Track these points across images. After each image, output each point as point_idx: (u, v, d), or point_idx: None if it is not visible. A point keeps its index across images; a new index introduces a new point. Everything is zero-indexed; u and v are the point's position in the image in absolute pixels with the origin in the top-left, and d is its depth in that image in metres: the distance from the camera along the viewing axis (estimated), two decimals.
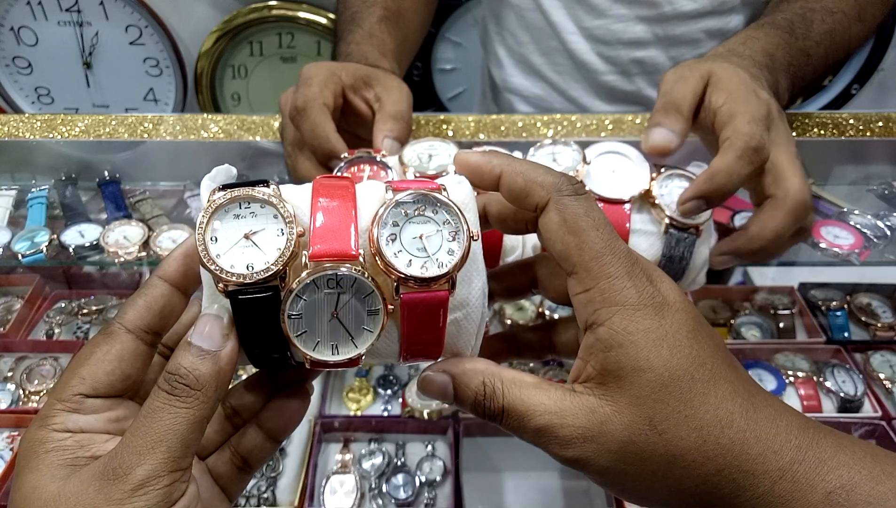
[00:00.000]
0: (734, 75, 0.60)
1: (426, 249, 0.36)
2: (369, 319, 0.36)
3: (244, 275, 0.34)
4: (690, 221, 0.56)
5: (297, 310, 0.35)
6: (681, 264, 0.57)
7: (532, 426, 0.37)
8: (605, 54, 0.97)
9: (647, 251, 0.57)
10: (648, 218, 0.58)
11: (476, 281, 0.38)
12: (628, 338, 0.35)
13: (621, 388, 0.35)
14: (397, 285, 0.35)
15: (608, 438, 0.35)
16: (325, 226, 0.35)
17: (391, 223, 0.36)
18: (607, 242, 0.36)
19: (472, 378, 0.38)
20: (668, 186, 0.58)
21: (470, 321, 0.39)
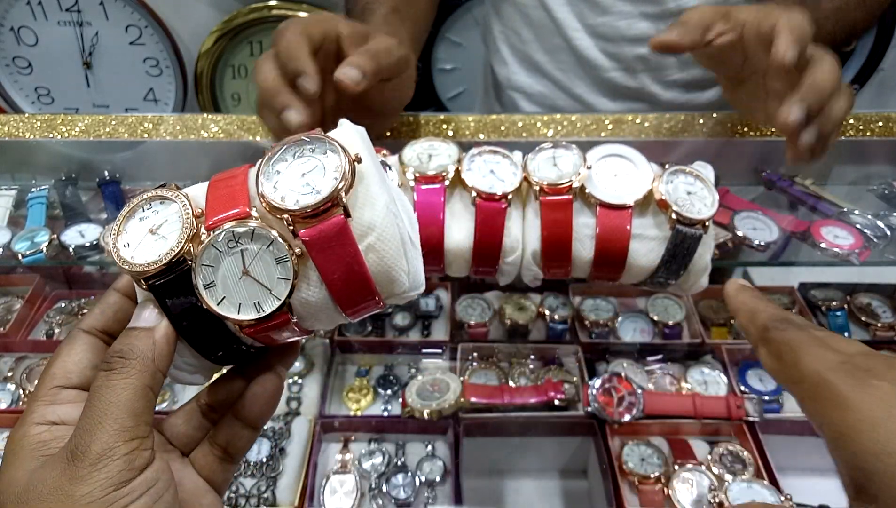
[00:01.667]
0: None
1: (310, 184, 0.36)
2: (280, 267, 0.36)
3: (153, 263, 0.36)
4: (697, 216, 0.55)
5: (208, 279, 0.36)
6: (683, 262, 0.56)
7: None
8: (609, 51, 0.97)
9: (647, 257, 0.56)
10: (650, 222, 0.57)
11: (379, 201, 0.37)
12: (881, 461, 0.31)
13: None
14: (294, 229, 0.36)
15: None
16: (216, 200, 0.37)
17: (274, 172, 0.37)
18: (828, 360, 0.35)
19: None
20: (674, 183, 0.57)
21: (386, 242, 0.37)
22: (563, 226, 0.56)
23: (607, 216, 0.55)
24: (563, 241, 0.56)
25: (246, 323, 0.36)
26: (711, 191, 0.57)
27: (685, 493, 0.77)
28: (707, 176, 0.58)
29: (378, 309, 0.40)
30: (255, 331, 0.37)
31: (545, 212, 0.56)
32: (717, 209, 0.55)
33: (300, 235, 0.36)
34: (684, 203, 0.55)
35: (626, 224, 0.55)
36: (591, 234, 0.56)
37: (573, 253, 0.56)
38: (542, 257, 0.57)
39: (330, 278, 0.36)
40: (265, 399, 0.42)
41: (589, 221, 0.56)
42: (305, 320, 0.38)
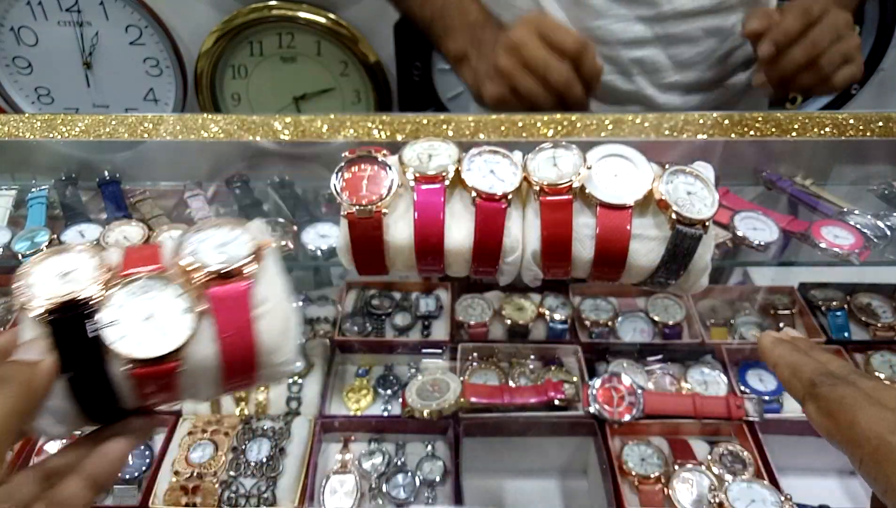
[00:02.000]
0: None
1: (225, 253, 0.42)
2: (183, 318, 0.39)
3: (58, 297, 0.38)
4: (697, 216, 0.54)
5: (113, 317, 0.38)
6: (683, 262, 0.56)
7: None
8: (604, 54, 0.97)
9: (647, 257, 0.56)
10: (650, 222, 0.56)
11: (277, 282, 0.43)
12: None
13: None
14: (203, 286, 0.40)
15: None
16: (134, 259, 0.42)
17: (194, 240, 0.43)
18: (875, 412, 0.37)
19: None
20: (674, 183, 0.56)
21: (276, 314, 0.42)
22: (563, 226, 0.56)
23: (607, 216, 0.55)
24: (563, 241, 0.56)
25: (139, 362, 0.38)
26: (711, 191, 0.57)
27: (685, 493, 0.77)
28: (707, 176, 0.58)
29: (251, 381, 0.42)
30: (143, 373, 0.38)
31: (545, 212, 0.56)
32: (717, 209, 0.55)
33: (209, 292, 0.40)
34: (684, 203, 0.55)
35: (626, 224, 0.55)
36: (592, 234, 0.56)
37: (573, 253, 0.56)
38: (542, 257, 0.57)
39: (224, 334, 0.40)
40: (115, 455, 0.40)
41: (589, 221, 0.56)
42: (187, 380, 0.40)
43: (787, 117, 0.92)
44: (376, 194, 0.57)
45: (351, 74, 1.67)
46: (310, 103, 1.70)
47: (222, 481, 0.78)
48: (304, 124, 0.92)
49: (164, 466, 0.79)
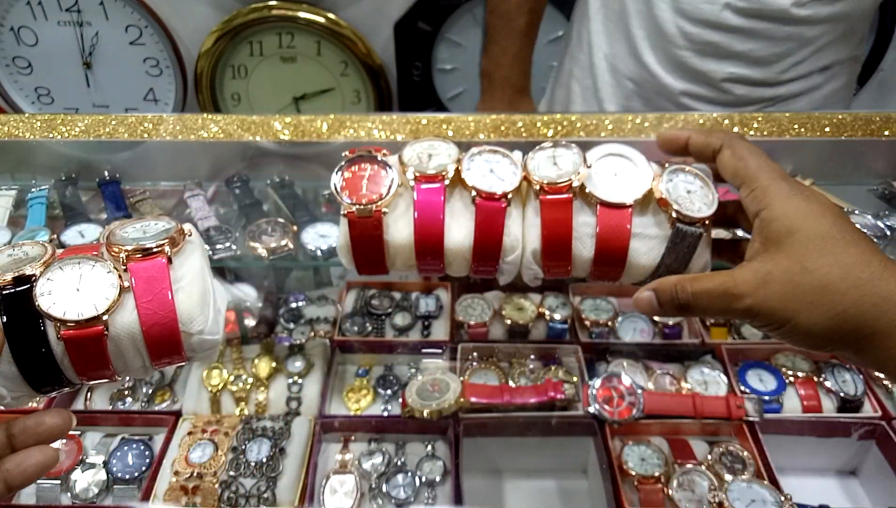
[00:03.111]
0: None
1: (147, 235, 0.48)
2: (107, 289, 0.45)
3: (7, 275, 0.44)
4: (698, 214, 0.54)
5: (46, 289, 0.44)
6: (683, 261, 0.56)
7: (715, 294, 0.48)
8: (685, 29, 0.99)
9: (647, 255, 0.56)
10: (650, 221, 0.56)
11: (196, 265, 0.48)
12: (783, 212, 0.48)
13: (779, 249, 0.47)
14: (125, 263, 0.46)
15: (772, 284, 0.46)
16: (74, 249, 0.48)
17: (124, 229, 0.49)
18: (764, 161, 0.52)
19: (666, 285, 0.51)
20: (674, 181, 0.56)
21: (192, 290, 0.47)
22: (563, 225, 0.56)
23: (607, 215, 0.55)
24: (563, 240, 0.56)
25: (67, 323, 0.43)
26: (711, 189, 0.57)
27: (685, 493, 0.77)
28: (707, 175, 0.58)
29: (178, 352, 0.47)
30: (72, 336, 0.43)
31: (545, 211, 0.56)
32: (717, 208, 0.55)
33: (129, 267, 0.45)
34: (684, 201, 0.55)
35: (627, 223, 0.55)
36: (592, 233, 0.56)
37: (573, 252, 0.56)
38: (542, 256, 0.57)
39: (142, 300, 0.45)
40: (23, 471, 0.45)
41: (589, 219, 0.56)
42: (114, 346, 0.45)
43: (788, 117, 0.92)
44: (376, 193, 0.57)
45: (351, 74, 1.67)
46: (310, 103, 1.70)
47: (222, 481, 0.78)
48: (304, 124, 0.92)
49: (164, 466, 0.79)
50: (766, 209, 0.49)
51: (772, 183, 0.50)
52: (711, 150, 0.54)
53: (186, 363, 0.74)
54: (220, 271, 0.91)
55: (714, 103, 1.04)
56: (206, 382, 0.88)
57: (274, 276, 1.03)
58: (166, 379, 0.92)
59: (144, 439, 0.83)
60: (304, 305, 1.02)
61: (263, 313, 1.00)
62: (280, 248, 0.85)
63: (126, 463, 0.80)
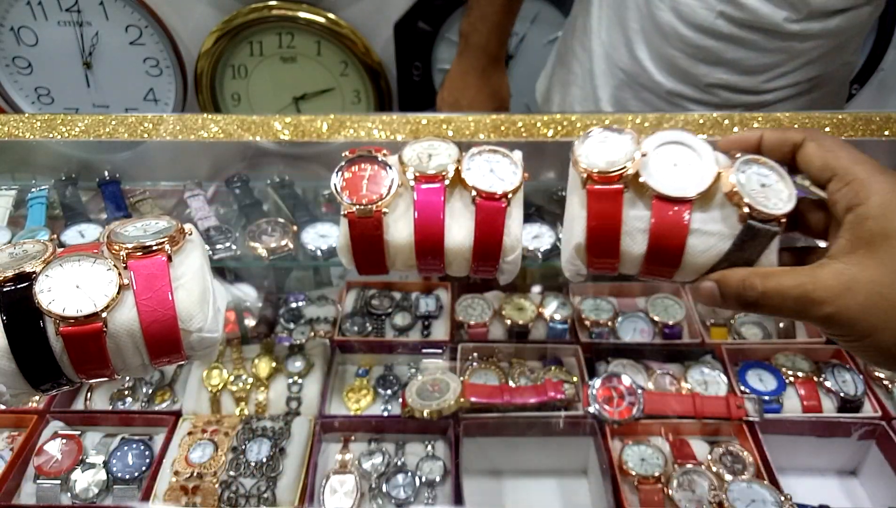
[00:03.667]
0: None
1: (147, 233, 0.48)
2: (107, 286, 0.45)
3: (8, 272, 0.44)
4: (774, 211, 0.48)
5: (46, 286, 0.44)
6: (748, 261, 0.50)
7: (791, 296, 0.44)
8: (678, 32, 0.99)
9: (705, 254, 0.51)
10: (710, 216, 0.51)
11: (195, 263, 0.48)
12: (882, 211, 0.43)
13: (870, 252, 0.43)
14: (125, 261, 0.46)
15: (856, 292, 0.42)
16: (75, 247, 0.48)
17: (125, 228, 0.50)
18: (857, 153, 0.47)
19: (732, 278, 0.48)
20: (747, 173, 0.51)
21: (192, 288, 0.47)
22: (611, 218, 0.51)
23: (663, 209, 0.50)
24: (611, 234, 0.51)
25: (66, 320, 0.43)
26: (788, 184, 0.51)
27: (685, 493, 0.77)
28: (782, 169, 0.53)
29: (178, 350, 0.47)
30: (71, 332, 0.43)
31: (592, 202, 0.51)
32: (795, 204, 0.49)
33: (129, 264, 0.45)
34: (758, 196, 0.49)
35: (685, 218, 0.50)
36: (644, 227, 0.51)
37: (622, 248, 0.52)
38: (586, 251, 0.53)
39: (141, 297, 0.45)
40: None
41: (642, 213, 0.51)
42: (114, 344, 0.45)
43: (787, 117, 0.92)
44: (376, 193, 0.57)
45: (351, 74, 1.67)
46: (310, 103, 1.70)
47: (222, 481, 0.78)
48: (304, 124, 0.92)
49: (164, 466, 0.79)
50: (864, 205, 0.44)
51: (871, 177, 0.45)
52: (791, 145, 0.50)
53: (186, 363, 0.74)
54: (220, 271, 0.92)
55: (699, 104, 1.05)
56: (206, 382, 0.88)
57: (274, 276, 1.03)
58: (166, 379, 0.92)
59: (144, 439, 0.83)
60: (304, 305, 1.02)
61: (263, 313, 1.00)
62: (280, 248, 0.85)
63: (126, 463, 0.80)
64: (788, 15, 0.93)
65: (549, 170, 0.99)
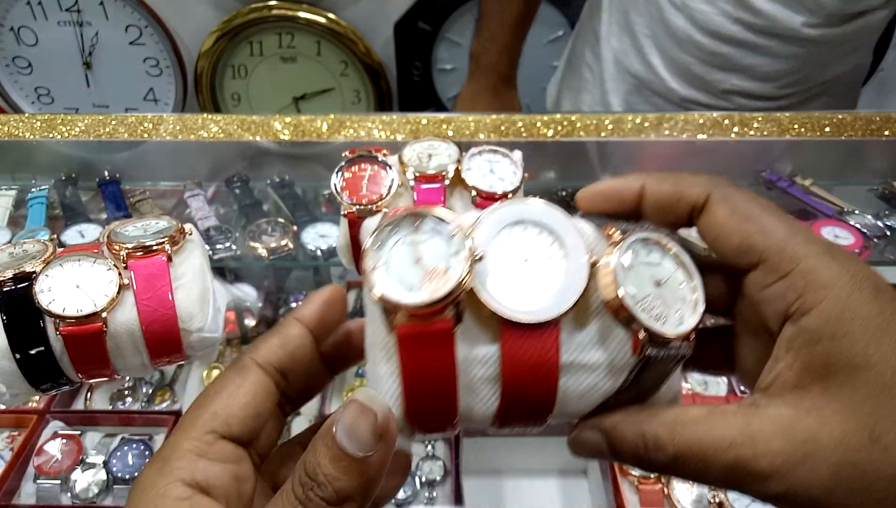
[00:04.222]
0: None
1: (147, 233, 0.47)
2: (107, 286, 0.44)
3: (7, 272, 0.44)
4: (679, 328, 0.32)
5: (45, 286, 0.43)
6: (647, 395, 0.35)
7: (718, 466, 0.29)
8: (694, 38, 0.99)
9: (586, 397, 0.34)
10: (593, 336, 0.34)
11: (196, 263, 0.47)
12: (842, 328, 0.28)
13: (828, 393, 0.28)
14: (125, 261, 0.45)
15: (817, 461, 0.28)
16: (74, 247, 0.47)
17: (124, 228, 0.48)
18: (791, 223, 0.31)
19: (627, 431, 0.32)
20: (636, 269, 0.33)
21: (192, 287, 0.47)
22: (439, 374, 0.33)
23: (518, 343, 0.33)
24: (440, 399, 0.33)
25: (67, 320, 0.43)
26: (694, 275, 0.34)
27: (685, 493, 0.77)
28: (691, 239, 0.38)
29: (178, 351, 0.46)
30: (71, 332, 0.43)
31: (406, 354, 0.33)
32: (702, 317, 0.33)
33: (129, 264, 0.45)
34: (654, 305, 0.33)
35: (552, 352, 0.33)
36: (491, 375, 0.33)
37: (461, 410, 0.34)
38: (405, 422, 0.34)
39: (142, 297, 0.44)
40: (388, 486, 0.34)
41: (485, 352, 0.33)
42: (114, 344, 0.45)
43: (788, 117, 0.93)
44: (376, 193, 0.57)
45: (351, 74, 1.67)
46: (310, 103, 1.70)
47: None
48: (304, 124, 0.92)
49: None
50: (813, 315, 0.29)
51: (819, 264, 0.30)
52: (688, 206, 0.34)
53: (186, 363, 0.74)
54: (220, 271, 0.92)
55: (713, 110, 1.05)
56: (206, 382, 0.88)
57: (274, 276, 1.03)
58: (166, 379, 0.92)
59: (144, 439, 0.83)
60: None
61: (263, 313, 1.00)
62: (280, 248, 0.85)
63: (126, 463, 0.80)
64: (806, 20, 0.93)
65: (549, 170, 0.99)
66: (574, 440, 0.35)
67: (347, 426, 0.29)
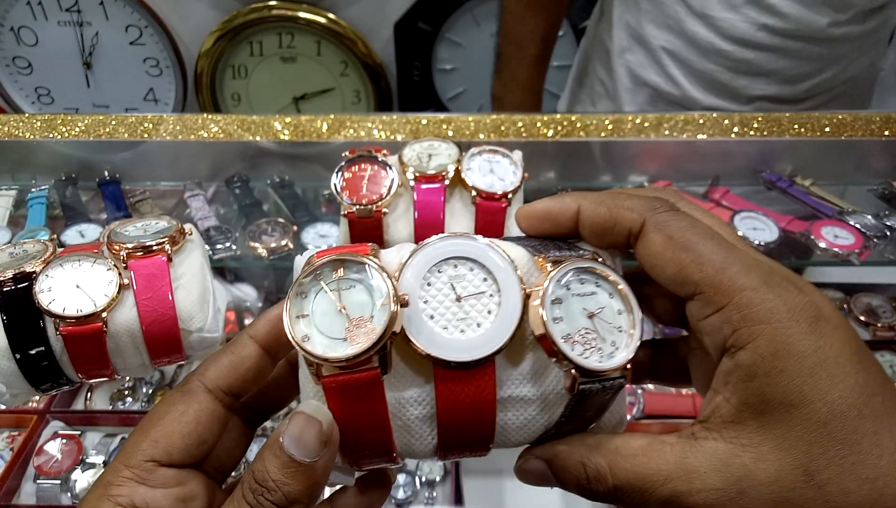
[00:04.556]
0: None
1: (147, 233, 0.47)
2: (107, 286, 0.45)
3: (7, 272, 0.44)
4: (612, 362, 0.32)
5: (45, 286, 0.44)
6: (587, 423, 0.35)
7: (655, 500, 0.30)
8: (717, 46, 0.99)
9: (525, 429, 0.35)
10: (527, 370, 0.34)
11: (196, 263, 0.48)
12: (777, 364, 0.28)
13: (764, 429, 0.28)
14: (125, 262, 0.46)
15: (752, 497, 0.28)
16: (75, 246, 0.48)
17: (124, 228, 0.49)
18: (728, 250, 0.30)
19: (570, 461, 0.32)
20: (567, 303, 0.33)
21: (192, 287, 0.47)
22: (371, 421, 0.32)
23: (452, 384, 0.32)
24: (375, 442, 0.33)
25: (67, 320, 0.43)
26: (630, 301, 0.33)
27: None
28: (614, 271, 0.34)
29: (178, 351, 0.46)
30: (71, 332, 0.43)
31: (334, 402, 0.32)
32: (639, 343, 0.32)
33: (129, 264, 0.45)
34: (589, 340, 0.32)
35: (487, 390, 0.32)
36: (426, 414, 0.33)
37: (399, 448, 0.34)
38: (343, 458, 0.33)
39: (141, 297, 0.44)
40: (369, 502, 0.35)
41: (419, 394, 0.33)
42: (114, 344, 0.45)
43: (788, 117, 0.92)
44: (376, 193, 0.57)
45: (351, 74, 1.67)
46: (310, 103, 1.70)
47: None
48: (304, 124, 0.92)
49: None
50: (749, 349, 0.29)
51: (756, 296, 0.29)
52: (624, 232, 0.33)
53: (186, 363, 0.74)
54: (220, 271, 0.91)
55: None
56: None
57: (274, 276, 1.03)
58: (166, 379, 0.92)
59: None
60: None
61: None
62: (280, 248, 0.85)
63: None
64: (832, 20, 0.93)
65: (549, 170, 0.99)
66: (520, 469, 0.35)
67: (295, 435, 0.30)
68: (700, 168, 0.96)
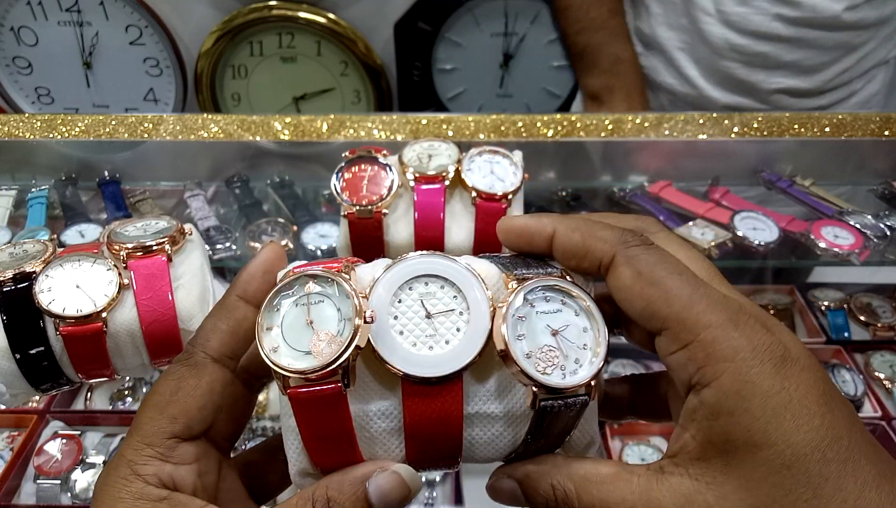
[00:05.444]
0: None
1: (147, 233, 0.48)
2: (107, 286, 0.45)
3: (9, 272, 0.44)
4: (574, 379, 0.32)
5: (45, 286, 0.44)
6: (557, 442, 0.35)
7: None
8: (732, 41, 0.98)
9: (493, 445, 0.35)
10: (489, 391, 0.34)
11: (196, 263, 0.48)
12: (741, 404, 0.28)
13: (728, 468, 0.28)
14: (125, 262, 0.46)
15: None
16: (75, 247, 0.48)
17: (125, 228, 0.49)
18: (696, 286, 0.30)
19: (539, 482, 0.33)
20: (530, 321, 0.33)
21: (191, 287, 0.47)
22: (336, 434, 0.33)
23: (418, 400, 0.33)
24: (343, 456, 0.34)
25: (66, 320, 0.43)
26: (597, 320, 0.34)
27: None
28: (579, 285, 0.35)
29: (177, 354, 0.45)
30: (71, 332, 0.43)
31: (298, 414, 0.32)
32: (603, 361, 0.33)
33: (129, 264, 0.45)
34: (552, 358, 0.33)
35: (454, 407, 0.33)
36: (393, 427, 0.34)
37: (367, 458, 0.35)
38: (314, 468, 0.35)
39: (141, 297, 0.45)
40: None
41: (386, 406, 0.34)
42: (113, 344, 0.45)
43: (788, 117, 0.92)
44: (376, 194, 0.57)
45: (351, 74, 1.67)
46: (310, 103, 1.70)
47: None
48: (304, 124, 0.92)
49: None
50: (713, 388, 0.29)
51: (721, 335, 0.29)
52: (595, 261, 0.33)
53: None
54: (220, 271, 0.91)
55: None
56: None
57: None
58: None
59: None
60: None
61: None
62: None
63: None
64: (847, 4, 0.93)
65: (549, 170, 0.99)
66: (491, 488, 0.35)
67: (384, 491, 0.31)
68: (700, 168, 0.96)
